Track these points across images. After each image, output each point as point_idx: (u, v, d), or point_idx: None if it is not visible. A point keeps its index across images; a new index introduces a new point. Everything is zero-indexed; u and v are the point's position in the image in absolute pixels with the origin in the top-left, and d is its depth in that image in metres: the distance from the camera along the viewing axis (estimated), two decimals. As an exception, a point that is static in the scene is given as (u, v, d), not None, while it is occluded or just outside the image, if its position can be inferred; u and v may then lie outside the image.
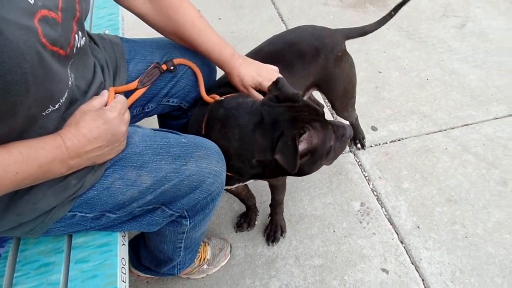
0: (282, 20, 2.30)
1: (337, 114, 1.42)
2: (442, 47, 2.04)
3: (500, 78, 1.86)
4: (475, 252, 1.28)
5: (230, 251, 1.31)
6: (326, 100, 1.77)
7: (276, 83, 0.88)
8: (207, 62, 1.01)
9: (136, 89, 0.92)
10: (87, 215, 0.76)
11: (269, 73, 0.97)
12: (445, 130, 1.66)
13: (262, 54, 1.08)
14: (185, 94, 1.03)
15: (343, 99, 1.33)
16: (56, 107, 0.65)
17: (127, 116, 0.75)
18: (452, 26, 2.17)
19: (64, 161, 0.65)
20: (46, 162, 0.63)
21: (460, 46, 2.04)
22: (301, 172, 0.87)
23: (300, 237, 1.35)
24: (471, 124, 1.67)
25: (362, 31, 1.33)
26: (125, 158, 0.75)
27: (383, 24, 1.36)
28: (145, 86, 0.93)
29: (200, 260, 1.23)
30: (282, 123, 0.81)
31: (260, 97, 0.95)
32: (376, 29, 1.35)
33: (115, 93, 0.80)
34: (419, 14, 2.27)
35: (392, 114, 1.74)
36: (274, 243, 1.33)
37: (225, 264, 1.29)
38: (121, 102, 0.74)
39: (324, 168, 0.95)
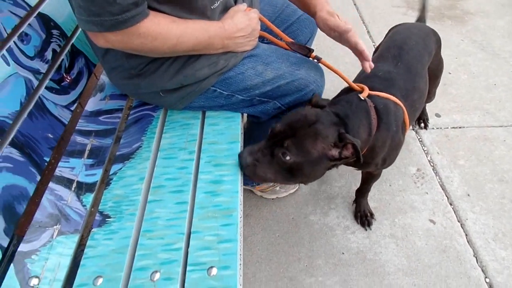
0: (363, 23, 2.57)
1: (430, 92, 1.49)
2: (514, 61, 2.18)
3: None
4: (520, 223, 1.42)
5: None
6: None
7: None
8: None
9: (281, 39, 1.08)
10: (223, 92, 1.06)
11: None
12: (506, 126, 1.80)
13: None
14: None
15: (437, 83, 1.56)
16: (217, 4, 0.97)
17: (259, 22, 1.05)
18: (526, 45, 2.30)
19: (222, 39, 0.96)
20: (212, 35, 0.94)
21: (532, 62, 2.17)
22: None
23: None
24: (533, 125, 1.80)
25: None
26: (257, 55, 1.05)
27: None
28: (289, 47, 1.07)
29: (275, 181, 1.49)
30: None
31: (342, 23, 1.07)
32: None
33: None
34: (494, 32, 2.42)
35: (456, 107, 1.91)
36: (370, 227, 1.42)
37: (293, 192, 1.54)
38: (258, 13, 1.04)
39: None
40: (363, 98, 1.03)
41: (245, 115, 1.17)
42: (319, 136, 0.89)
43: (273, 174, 0.92)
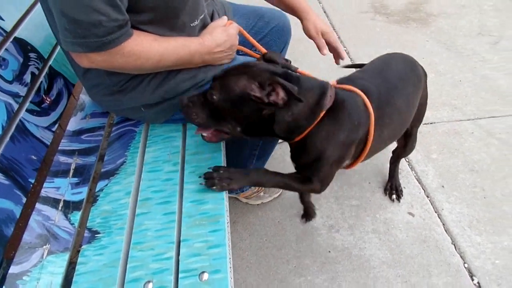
0: (334, 29, 2.67)
1: (406, 147, 1.44)
2: (476, 58, 2.31)
3: (528, 84, 2.09)
4: (492, 209, 1.50)
5: (282, 187, 1.60)
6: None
7: None
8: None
9: (256, 50, 1.15)
10: (202, 104, 1.10)
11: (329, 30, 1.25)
12: (473, 119, 1.90)
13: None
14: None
15: (421, 120, 1.40)
16: (197, 22, 1.01)
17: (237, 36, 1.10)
18: (486, 42, 2.44)
19: (201, 55, 1.00)
20: (193, 52, 0.98)
21: (493, 58, 2.30)
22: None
23: (341, 184, 1.62)
24: (498, 116, 1.90)
25: None
26: (234, 67, 1.10)
27: None
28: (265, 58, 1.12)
29: (259, 187, 1.53)
30: None
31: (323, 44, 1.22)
32: None
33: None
34: (457, 32, 2.56)
35: (426, 104, 2.00)
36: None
37: (277, 197, 1.58)
38: (237, 27, 1.09)
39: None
40: (329, 83, 0.97)
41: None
42: (245, 75, 0.86)
43: (204, 116, 0.92)
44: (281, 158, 1.75)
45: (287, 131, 0.95)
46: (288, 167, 1.70)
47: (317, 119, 0.94)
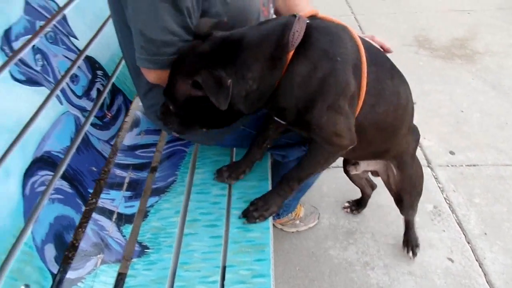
0: (376, 61, 2.67)
1: (402, 211, 1.37)
2: (525, 101, 2.25)
3: None
4: (539, 263, 1.43)
5: (318, 217, 1.60)
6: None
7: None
8: None
9: None
10: (252, 131, 1.13)
11: None
12: (520, 165, 1.84)
13: None
14: None
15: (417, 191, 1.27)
16: None
17: None
18: (536, 85, 2.37)
19: None
20: None
21: (543, 102, 2.23)
22: None
23: (378, 220, 1.60)
24: (547, 164, 1.83)
25: None
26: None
27: None
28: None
29: (295, 215, 1.54)
30: None
31: None
32: None
33: None
34: (504, 71, 2.51)
35: (470, 144, 1.96)
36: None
37: (312, 226, 1.58)
38: None
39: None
40: (296, 15, 0.83)
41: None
42: (179, 75, 0.82)
43: (176, 124, 0.91)
44: (318, 187, 1.75)
45: (259, 97, 0.83)
46: (323, 195, 1.70)
47: (285, 64, 0.80)
